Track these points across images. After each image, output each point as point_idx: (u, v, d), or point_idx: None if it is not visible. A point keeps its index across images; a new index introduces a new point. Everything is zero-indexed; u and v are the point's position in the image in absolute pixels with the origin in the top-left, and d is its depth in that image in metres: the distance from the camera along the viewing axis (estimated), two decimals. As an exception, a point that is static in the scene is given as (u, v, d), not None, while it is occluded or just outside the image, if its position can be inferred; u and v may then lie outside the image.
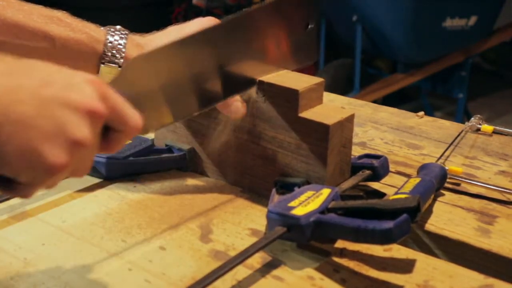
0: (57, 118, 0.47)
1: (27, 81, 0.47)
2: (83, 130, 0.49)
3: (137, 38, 0.78)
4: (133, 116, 0.54)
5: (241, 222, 0.72)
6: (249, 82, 0.74)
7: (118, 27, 0.77)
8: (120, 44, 0.75)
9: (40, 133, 0.46)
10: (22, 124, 0.46)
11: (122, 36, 0.76)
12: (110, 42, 0.75)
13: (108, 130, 0.53)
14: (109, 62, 0.75)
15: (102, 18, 0.84)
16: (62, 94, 0.48)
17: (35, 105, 0.46)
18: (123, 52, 0.75)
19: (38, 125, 0.46)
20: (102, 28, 0.77)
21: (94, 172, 0.80)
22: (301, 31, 0.78)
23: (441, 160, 0.86)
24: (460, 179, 0.81)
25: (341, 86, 3.09)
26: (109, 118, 0.52)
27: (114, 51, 0.75)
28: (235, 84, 0.73)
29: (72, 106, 0.48)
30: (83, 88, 0.50)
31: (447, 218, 0.73)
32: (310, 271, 0.62)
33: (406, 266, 0.63)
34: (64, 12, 0.76)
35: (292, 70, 0.78)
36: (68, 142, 0.48)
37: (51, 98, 0.47)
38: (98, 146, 0.53)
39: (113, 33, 0.76)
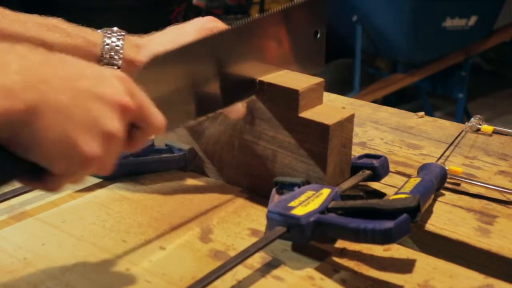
0: (91, 110, 0.49)
1: (62, 72, 0.48)
2: (115, 123, 0.50)
3: (134, 38, 0.78)
4: (157, 115, 0.55)
5: (241, 222, 0.72)
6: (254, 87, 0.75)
7: (115, 28, 0.77)
8: (118, 46, 0.76)
9: (76, 123, 0.48)
10: (60, 113, 0.47)
11: (119, 37, 0.76)
12: (107, 44, 0.75)
13: (131, 128, 0.54)
14: (108, 64, 0.75)
15: (101, 18, 0.84)
16: (95, 87, 0.49)
17: (70, 95, 0.48)
18: (121, 53, 0.76)
19: (74, 115, 0.48)
20: (99, 31, 0.77)
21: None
22: (310, 39, 0.79)
23: (441, 160, 0.86)
24: (460, 179, 0.81)
25: (341, 86, 3.10)
26: (135, 115, 0.53)
27: (112, 53, 0.75)
28: (242, 89, 0.74)
29: (104, 100, 0.50)
30: (114, 83, 0.51)
31: (447, 218, 0.73)
32: (310, 271, 0.62)
33: (406, 266, 0.63)
34: (59, 18, 0.76)
35: None
36: (101, 134, 0.49)
37: (84, 90, 0.49)
38: (123, 143, 0.54)
39: (109, 35, 0.76)
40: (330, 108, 0.75)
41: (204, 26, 0.77)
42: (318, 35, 0.80)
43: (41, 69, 0.47)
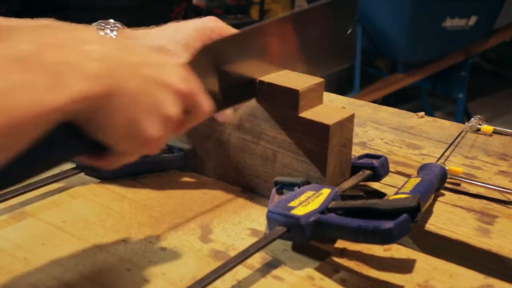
0: (154, 95, 0.52)
1: (132, 59, 0.52)
2: (174, 108, 0.54)
3: (129, 31, 0.78)
4: (207, 101, 0.59)
5: (241, 222, 0.72)
6: None
7: (111, 20, 0.78)
8: (111, 37, 0.76)
9: (142, 108, 0.51)
10: (129, 97, 0.50)
11: (113, 29, 0.76)
12: None
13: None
14: None
15: (101, 18, 0.84)
16: (159, 74, 0.53)
17: (138, 81, 0.51)
18: None
19: (141, 100, 0.51)
20: (93, 24, 0.77)
21: (94, 172, 0.80)
22: (343, 35, 0.82)
23: (441, 160, 0.86)
24: (460, 179, 0.81)
25: (341, 86, 3.10)
26: (189, 100, 0.56)
27: None
28: None
29: (166, 86, 0.53)
30: (175, 70, 0.55)
31: (447, 218, 0.73)
32: (310, 271, 0.62)
33: (406, 266, 0.63)
34: (51, 19, 0.76)
35: (330, 73, 0.82)
36: (162, 118, 0.53)
37: (149, 76, 0.52)
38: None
39: (103, 27, 0.76)
40: (330, 108, 0.75)
41: (204, 25, 0.77)
42: (349, 30, 0.83)
43: (116, 56, 0.51)
